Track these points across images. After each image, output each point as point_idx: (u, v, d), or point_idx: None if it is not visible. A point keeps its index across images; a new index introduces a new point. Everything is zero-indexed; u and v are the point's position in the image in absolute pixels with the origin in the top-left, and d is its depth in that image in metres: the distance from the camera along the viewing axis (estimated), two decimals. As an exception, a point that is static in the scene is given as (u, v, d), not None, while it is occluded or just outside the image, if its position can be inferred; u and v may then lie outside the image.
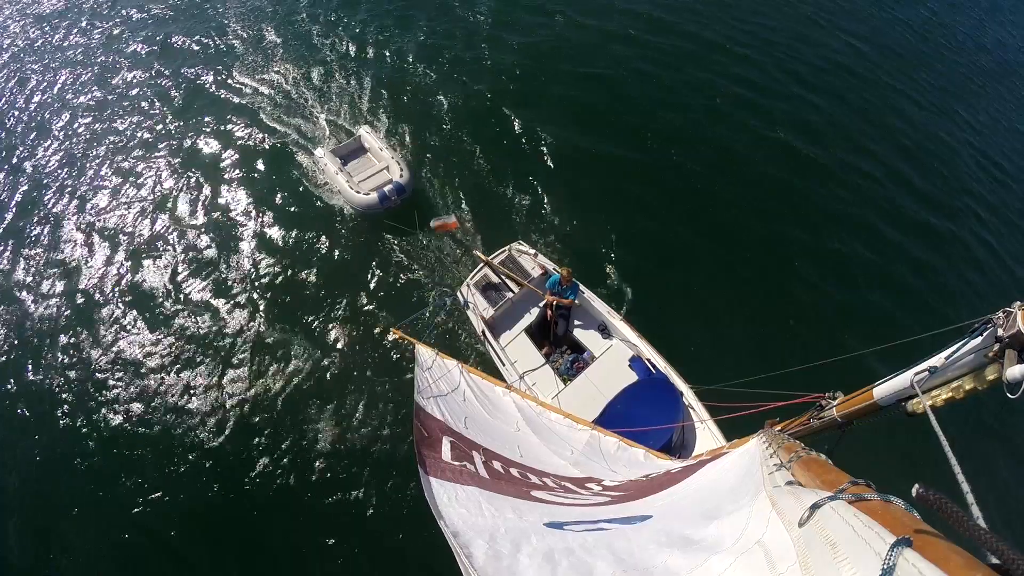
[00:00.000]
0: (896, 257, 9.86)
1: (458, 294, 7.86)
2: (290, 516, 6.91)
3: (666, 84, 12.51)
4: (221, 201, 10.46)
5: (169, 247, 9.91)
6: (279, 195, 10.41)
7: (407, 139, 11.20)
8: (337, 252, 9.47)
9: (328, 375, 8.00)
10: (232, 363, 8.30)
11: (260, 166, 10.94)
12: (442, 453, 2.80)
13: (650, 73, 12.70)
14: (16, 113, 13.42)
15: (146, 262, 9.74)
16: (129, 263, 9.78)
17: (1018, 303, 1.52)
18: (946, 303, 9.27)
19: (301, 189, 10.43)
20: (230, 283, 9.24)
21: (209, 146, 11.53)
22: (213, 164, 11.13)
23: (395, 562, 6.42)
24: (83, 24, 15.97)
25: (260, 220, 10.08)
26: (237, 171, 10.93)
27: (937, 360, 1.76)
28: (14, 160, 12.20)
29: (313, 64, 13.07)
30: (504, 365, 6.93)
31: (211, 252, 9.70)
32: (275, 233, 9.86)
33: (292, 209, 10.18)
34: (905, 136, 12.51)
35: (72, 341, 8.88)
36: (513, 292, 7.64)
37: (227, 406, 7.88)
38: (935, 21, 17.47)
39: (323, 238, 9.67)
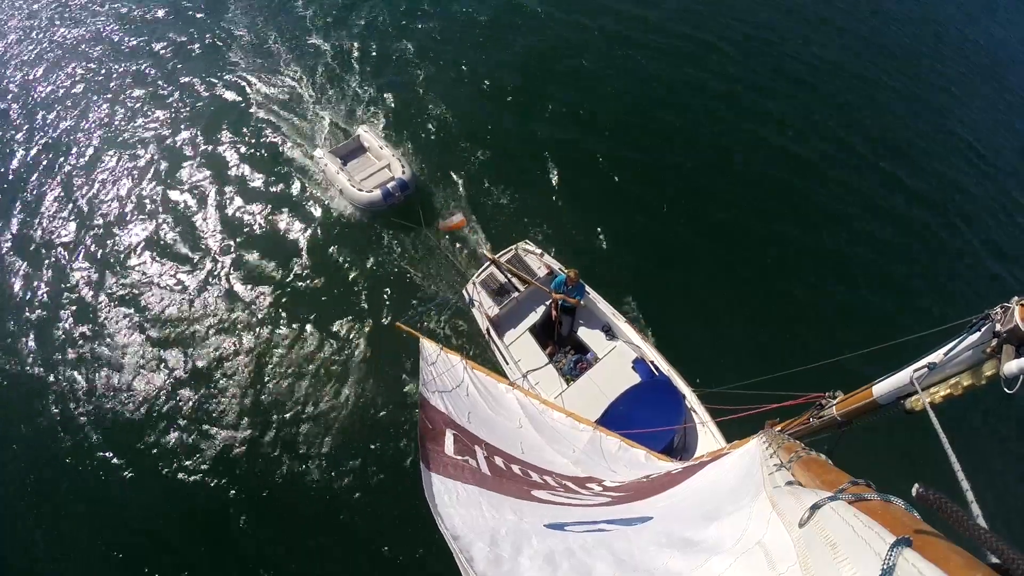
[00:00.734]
0: (896, 257, 9.86)
1: (463, 291, 7.87)
2: (290, 516, 6.91)
3: (666, 84, 12.51)
4: (219, 202, 10.44)
5: (167, 246, 9.92)
6: (279, 196, 10.41)
7: (408, 138, 11.18)
8: (339, 250, 9.47)
9: (329, 373, 8.00)
10: (232, 361, 8.30)
11: (258, 167, 10.92)
12: (445, 446, 2.80)
13: (650, 73, 12.70)
14: (9, 106, 13.45)
15: (145, 260, 9.75)
16: (130, 262, 9.78)
17: (1016, 298, 1.52)
18: (946, 302, 9.28)
19: (301, 189, 10.42)
20: (229, 282, 9.24)
21: (204, 147, 11.48)
22: (209, 165, 11.10)
23: (395, 562, 6.43)
24: (78, 16, 15.95)
25: (260, 221, 10.07)
26: (234, 173, 10.90)
27: (936, 356, 1.76)
28: (10, 153, 12.22)
29: (311, 64, 13.04)
30: (508, 363, 6.93)
31: (209, 252, 9.70)
32: (276, 232, 9.85)
33: (292, 209, 10.17)
34: (905, 136, 12.52)
35: (69, 340, 8.89)
36: (519, 291, 7.64)
37: (227, 404, 7.88)
38: (936, 20, 17.48)
39: (325, 236, 9.67)
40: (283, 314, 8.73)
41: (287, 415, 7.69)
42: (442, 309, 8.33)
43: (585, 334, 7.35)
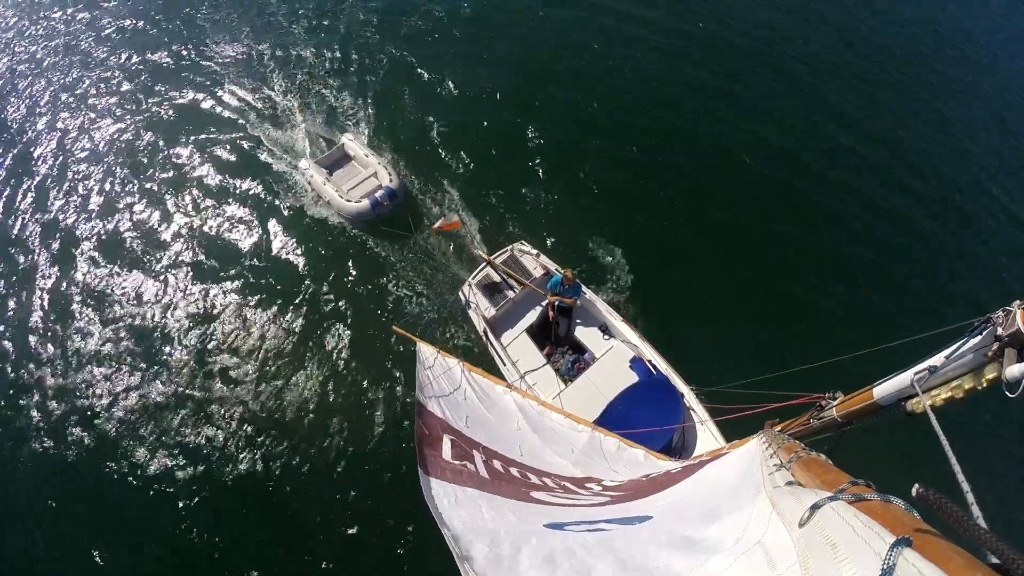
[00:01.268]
0: (896, 257, 9.86)
1: (460, 293, 7.86)
2: (290, 516, 6.91)
3: (666, 84, 12.50)
4: (208, 217, 10.37)
5: (162, 258, 9.92)
6: (267, 209, 10.29)
7: (396, 143, 11.04)
8: (333, 260, 9.43)
9: (327, 377, 8.00)
10: (231, 364, 8.30)
11: (242, 178, 10.77)
12: (443, 452, 2.80)
13: (650, 73, 12.69)
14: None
15: (143, 275, 9.74)
16: (126, 275, 9.79)
17: (1017, 302, 1.52)
18: (946, 303, 9.27)
19: (288, 201, 10.28)
20: (224, 293, 9.24)
21: (189, 161, 11.32)
22: (195, 180, 10.97)
23: (395, 562, 6.42)
24: (55, 27, 15.77)
25: (250, 234, 10.00)
26: (221, 187, 10.78)
27: (937, 359, 1.76)
28: None
29: (292, 71, 12.77)
30: (505, 365, 6.93)
31: (202, 265, 9.67)
32: (268, 245, 9.80)
33: (282, 221, 10.07)
34: (905, 136, 12.50)
35: (63, 338, 8.89)
36: (515, 292, 7.63)
37: (226, 405, 7.88)
38: (936, 20, 17.46)
39: (316, 248, 9.62)
40: (281, 321, 8.72)
41: (286, 417, 7.69)
42: (438, 312, 8.33)
43: (582, 334, 7.35)
